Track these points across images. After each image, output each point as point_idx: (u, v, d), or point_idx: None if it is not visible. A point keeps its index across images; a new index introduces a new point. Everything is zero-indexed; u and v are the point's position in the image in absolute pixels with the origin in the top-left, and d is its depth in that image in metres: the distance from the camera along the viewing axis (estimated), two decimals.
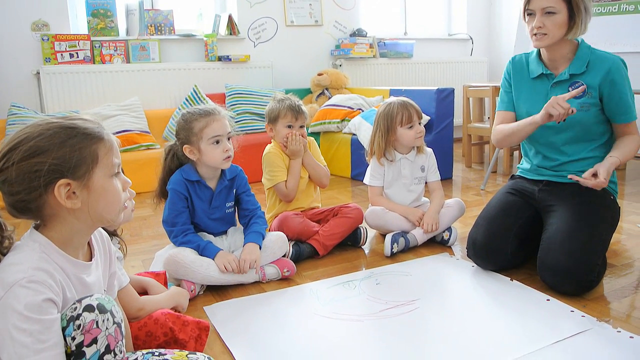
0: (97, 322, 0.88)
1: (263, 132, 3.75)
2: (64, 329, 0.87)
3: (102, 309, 0.90)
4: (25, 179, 0.89)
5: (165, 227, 1.77)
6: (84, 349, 0.86)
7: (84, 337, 0.87)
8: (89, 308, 0.89)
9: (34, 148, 0.89)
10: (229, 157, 1.72)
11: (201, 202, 1.76)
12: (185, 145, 1.69)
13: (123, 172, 1.00)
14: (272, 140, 2.12)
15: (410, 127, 2.11)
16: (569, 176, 1.67)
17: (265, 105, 3.77)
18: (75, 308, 0.89)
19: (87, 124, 0.96)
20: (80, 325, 0.87)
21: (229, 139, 1.72)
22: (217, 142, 1.69)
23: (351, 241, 2.10)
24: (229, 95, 3.84)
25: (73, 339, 0.87)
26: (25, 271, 0.86)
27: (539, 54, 1.81)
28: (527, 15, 1.72)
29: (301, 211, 2.14)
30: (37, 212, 0.93)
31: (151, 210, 1.83)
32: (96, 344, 0.87)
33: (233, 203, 1.84)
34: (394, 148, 2.17)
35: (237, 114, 3.73)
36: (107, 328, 0.89)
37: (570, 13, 1.66)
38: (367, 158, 2.22)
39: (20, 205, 0.91)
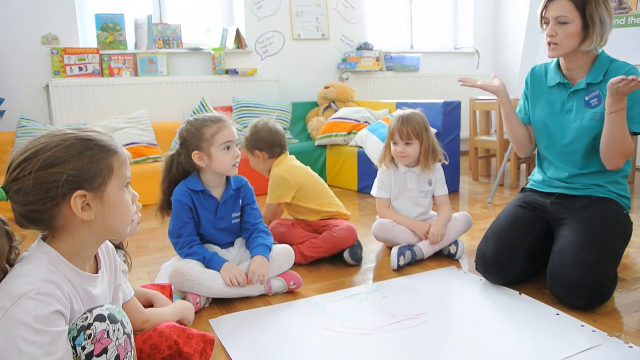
0: (107, 332, 0.89)
1: None
2: (74, 338, 0.87)
3: (113, 319, 0.90)
4: (42, 188, 0.89)
5: (170, 239, 1.77)
6: (94, 358, 0.87)
7: (94, 347, 0.87)
8: (100, 318, 0.89)
9: (52, 158, 0.89)
10: (236, 164, 1.73)
11: (206, 212, 1.76)
12: (195, 152, 1.70)
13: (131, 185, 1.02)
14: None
15: (394, 143, 2.12)
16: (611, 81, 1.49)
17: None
18: (87, 317, 0.89)
19: (101, 136, 0.97)
20: (91, 334, 0.87)
21: (236, 146, 1.74)
22: (228, 147, 1.71)
23: (353, 259, 2.06)
24: (236, 108, 3.86)
25: (83, 348, 0.87)
26: (34, 283, 0.86)
27: (558, 63, 1.80)
28: (544, 23, 1.70)
29: (310, 221, 2.17)
30: (49, 223, 0.93)
31: (157, 223, 1.82)
32: (106, 353, 0.88)
33: (239, 214, 1.84)
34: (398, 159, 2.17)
35: (244, 127, 3.72)
36: (117, 338, 0.89)
37: (584, 24, 1.63)
38: (377, 164, 2.24)
39: (33, 215, 0.91)
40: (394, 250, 2.04)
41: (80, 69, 3.56)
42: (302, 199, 2.12)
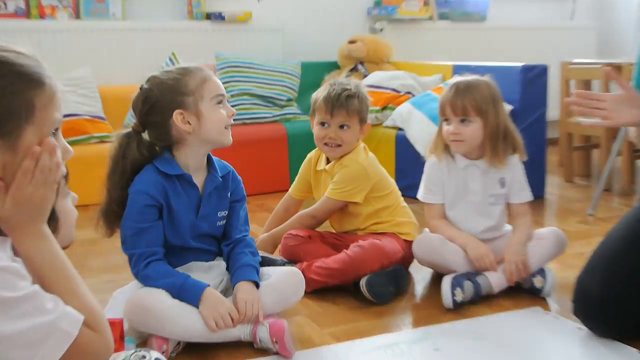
0: None
1: (268, 124, 3.82)
2: None
3: None
4: None
5: (124, 251, 1.80)
6: None
7: None
8: None
9: None
10: (230, 126, 1.84)
11: (184, 209, 1.82)
12: (177, 111, 1.76)
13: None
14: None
15: (446, 121, 2.18)
16: None
17: (274, 85, 3.94)
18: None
19: (22, 59, 1.01)
20: None
21: None
22: (220, 102, 1.81)
23: (393, 285, 2.14)
24: (222, 69, 3.86)
25: None
26: None
27: None
28: None
29: (331, 234, 2.36)
30: None
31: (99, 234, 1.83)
32: None
33: (227, 212, 1.91)
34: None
35: (232, 95, 3.73)
36: None
37: None
38: (426, 155, 2.32)
39: None
40: (446, 281, 2.05)
41: None
42: (372, 201, 2.29)
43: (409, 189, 2.95)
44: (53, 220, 1.10)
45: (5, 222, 1.02)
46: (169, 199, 1.79)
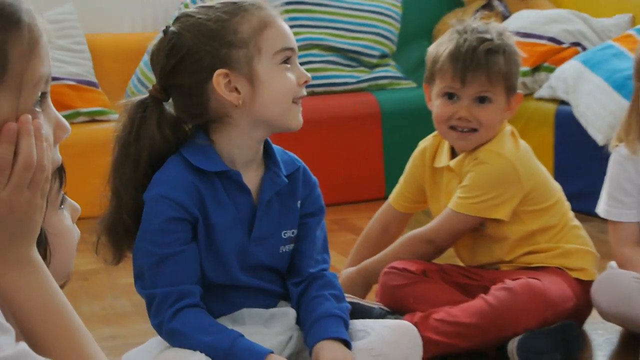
0: None
1: (350, 94, 3.50)
2: None
3: None
4: None
5: (140, 292, 1.63)
6: None
7: None
8: None
9: None
10: (301, 99, 1.65)
11: (231, 225, 1.65)
12: (219, 71, 1.57)
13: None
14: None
15: None
16: None
17: (359, 32, 3.73)
18: None
19: None
20: None
21: None
22: (288, 60, 1.62)
23: (560, 351, 1.95)
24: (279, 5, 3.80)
25: None
26: None
27: None
28: None
29: (457, 267, 2.18)
30: None
31: (99, 259, 1.69)
32: None
33: (296, 232, 1.72)
34: None
35: (297, 46, 3.70)
36: None
37: None
38: (611, 144, 2.20)
39: None
40: None
41: None
42: (525, 218, 2.08)
43: (578, 199, 2.71)
44: (41, 245, 1.04)
45: None
46: (207, 210, 1.60)
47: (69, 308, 1.02)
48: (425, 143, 2.21)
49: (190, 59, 1.60)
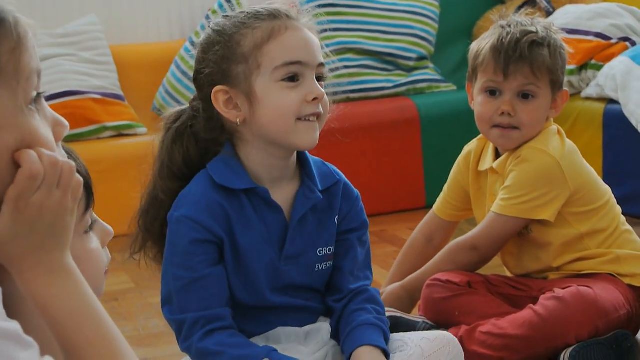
0: None
1: (387, 99, 3.45)
2: None
3: None
4: None
5: (167, 317, 1.64)
6: None
7: None
8: None
9: None
10: (316, 115, 1.59)
11: (260, 244, 1.66)
12: (218, 87, 1.58)
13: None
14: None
15: None
16: None
17: (396, 34, 3.71)
18: None
19: None
20: None
21: (319, 79, 1.62)
22: (295, 77, 1.57)
23: None
24: (309, 9, 3.81)
25: None
26: None
27: None
28: None
29: (503, 277, 2.14)
30: None
31: (130, 279, 1.81)
32: None
33: (333, 249, 1.72)
34: None
35: (326, 54, 3.75)
36: None
37: None
38: None
39: None
40: None
41: None
42: (572, 220, 2.05)
43: (629, 202, 2.85)
44: None
45: (1, 252, 0.97)
46: (233, 229, 1.62)
47: (105, 315, 1.03)
48: (470, 147, 2.19)
49: (198, 73, 1.63)
